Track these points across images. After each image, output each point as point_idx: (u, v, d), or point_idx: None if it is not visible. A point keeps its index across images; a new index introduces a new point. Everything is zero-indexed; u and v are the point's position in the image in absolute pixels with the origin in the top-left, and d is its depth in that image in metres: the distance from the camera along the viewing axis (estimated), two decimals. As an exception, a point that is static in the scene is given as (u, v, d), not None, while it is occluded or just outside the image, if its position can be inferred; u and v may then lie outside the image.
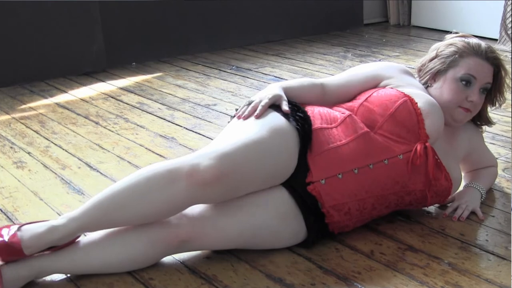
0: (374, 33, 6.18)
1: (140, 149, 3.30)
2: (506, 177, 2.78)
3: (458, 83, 2.41)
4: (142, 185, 2.01)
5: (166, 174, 2.00)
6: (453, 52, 2.44)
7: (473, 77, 2.41)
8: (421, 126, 2.31)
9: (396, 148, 2.29)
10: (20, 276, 2.01)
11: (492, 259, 2.15)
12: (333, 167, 2.19)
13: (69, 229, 2.01)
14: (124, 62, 5.16)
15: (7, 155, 3.27)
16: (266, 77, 4.64)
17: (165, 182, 2.00)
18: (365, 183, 2.23)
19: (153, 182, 2.01)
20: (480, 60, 2.43)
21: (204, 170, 1.99)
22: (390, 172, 2.27)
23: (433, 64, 2.48)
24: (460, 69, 2.41)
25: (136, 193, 2.02)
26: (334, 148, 2.22)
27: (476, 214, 2.43)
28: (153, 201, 2.01)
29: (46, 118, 3.87)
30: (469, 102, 2.42)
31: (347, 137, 2.25)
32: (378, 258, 2.17)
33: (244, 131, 2.16)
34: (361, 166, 2.22)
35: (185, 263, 2.15)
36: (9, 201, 2.73)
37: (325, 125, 2.27)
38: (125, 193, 2.02)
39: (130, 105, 4.09)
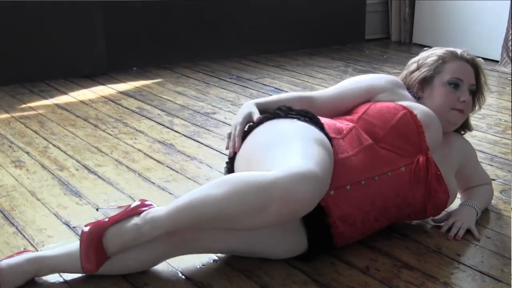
0: (375, 49, 6.19)
1: (139, 154, 3.30)
2: (503, 199, 2.78)
3: (447, 87, 2.47)
4: (232, 209, 1.91)
5: (260, 199, 1.88)
6: (436, 60, 2.51)
7: (460, 80, 2.47)
8: (422, 138, 2.34)
9: (398, 160, 2.30)
10: (20, 272, 2.01)
11: (487, 280, 2.15)
12: (342, 178, 2.18)
13: (155, 235, 2.02)
14: (125, 66, 5.17)
15: (6, 154, 3.26)
16: (265, 88, 4.65)
17: (260, 208, 1.88)
18: (370, 195, 2.23)
19: (244, 206, 1.90)
20: (463, 62, 2.51)
21: (300, 200, 1.88)
22: (393, 184, 2.28)
23: (418, 73, 2.52)
24: (446, 74, 2.48)
25: (226, 220, 1.96)
26: (343, 159, 2.21)
27: (471, 233, 2.44)
28: (242, 226, 1.99)
29: (46, 118, 3.87)
30: (461, 102, 2.47)
31: (353, 148, 2.26)
32: (373, 274, 2.16)
33: (299, 150, 2.02)
34: (367, 177, 2.23)
35: (180, 271, 2.15)
36: (6, 200, 2.73)
37: (333, 135, 2.26)
38: (215, 215, 1.95)
39: (129, 109, 4.10)
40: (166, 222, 1.99)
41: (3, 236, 2.42)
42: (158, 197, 2.78)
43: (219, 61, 5.51)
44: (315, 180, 1.89)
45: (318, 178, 1.90)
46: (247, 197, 1.88)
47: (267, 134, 2.20)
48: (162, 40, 5.33)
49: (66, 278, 2.10)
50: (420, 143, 2.34)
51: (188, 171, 3.08)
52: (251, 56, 5.70)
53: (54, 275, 2.09)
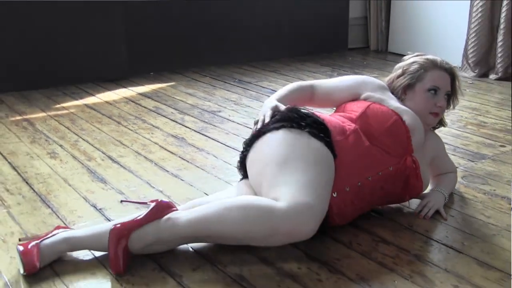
0: (357, 56, 6.17)
1: (155, 146, 3.29)
2: (464, 184, 2.77)
3: (427, 93, 2.46)
4: (241, 233, 1.93)
5: (267, 230, 1.90)
6: (418, 68, 2.49)
7: (437, 88, 2.46)
8: (409, 141, 2.33)
9: (387, 160, 2.29)
10: (56, 250, 2.01)
11: (450, 252, 2.15)
12: (344, 181, 2.16)
13: (172, 240, 2.03)
14: (144, 71, 5.16)
15: (43, 147, 3.26)
16: (264, 90, 4.63)
17: (265, 235, 1.91)
18: (362, 193, 2.23)
19: (252, 234, 1.93)
20: (441, 72, 2.50)
21: (303, 233, 1.91)
22: (381, 182, 2.28)
23: (403, 79, 2.50)
24: (427, 82, 2.47)
25: (235, 238, 1.98)
26: (346, 162, 2.17)
27: (440, 214, 2.43)
28: (248, 243, 2.00)
29: (76, 116, 3.87)
30: (438, 107, 2.47)
31: (355, 150, 2.22)
32: (355, 248, 2.16)
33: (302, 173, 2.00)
34: (363, 178, 2.22)
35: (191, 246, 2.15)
36: (43, 186, 2.72)
37: (339, 137, 2.21)
38: (226, 234, 1.97)
39: (147, 108, 4.09)
40: (183, 231, 1.99)
41: (41, 216, 2.42)
42: (172, 183, 2.77)
43: (224, 67, 5.49)
44: (317, 215, 1.93)
45: (319, 213, 1.94)
46: (256, 226, 1.90)
47: (281, 150, 2.08)
48: (175, 49, 5.32)
49: (96, 254, 2.10)
50: (407, 145, 2.33)
51: (197, 160, 3.07)
52: (251, 63, 5.68)
53: (85, 251, 2.10)
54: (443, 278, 1.97)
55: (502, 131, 3.60)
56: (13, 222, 2.36)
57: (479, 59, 5.16)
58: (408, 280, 1.96)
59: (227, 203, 1.96)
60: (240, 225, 1.92)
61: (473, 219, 2.42)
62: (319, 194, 1.96)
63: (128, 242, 1.96)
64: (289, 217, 1.88)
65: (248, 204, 1.93)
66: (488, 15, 5.06)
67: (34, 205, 2.53)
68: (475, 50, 5.16)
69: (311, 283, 1.91)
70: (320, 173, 2.03)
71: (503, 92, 4.62)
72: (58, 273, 1.98)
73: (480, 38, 5.13)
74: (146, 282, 1.94)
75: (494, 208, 2.52)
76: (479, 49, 5.15)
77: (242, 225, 1.92)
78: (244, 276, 1.96)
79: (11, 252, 2.10)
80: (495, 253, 2.14)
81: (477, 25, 5.11)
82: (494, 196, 2.64)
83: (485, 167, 3.00)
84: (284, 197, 1.91)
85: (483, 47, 5.15)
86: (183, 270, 2.01)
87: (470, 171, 2.94)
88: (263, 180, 2.07)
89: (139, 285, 1.92)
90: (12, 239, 2.20)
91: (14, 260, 2.04)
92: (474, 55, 5.16)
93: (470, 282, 1.94)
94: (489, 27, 5.11)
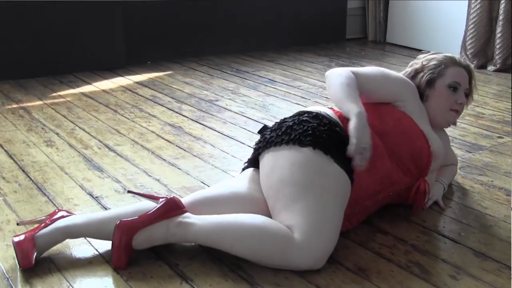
0: (355, 47, 6.16)
1: (152, 135, 3.29)
2: (461, 175, 2.78)
3: (448, 90, 2.42)
4: (253, 259, 1.94)
5: (280, 261, 1.90)
6: (438, 64, 2.44)
7: (458, 84, 2.43)
8: (428, 166, 2.31)
9: (401, 180, 2.26)
10: (52, 240, 1.99)
11: (447, 242, 2.15)
12: (354, 204, 2.13)
13: (181, 241, 2.01)
14: (141, 60, 5.14)
15: (39, 135, 3.25)
16: (261, 79, 4.63)
17: (277, 264, 1.92)
18: (369, 211, 2.24)
19: (263, 262, 1.93)
20: (460, 68, 2.46)
21: (313, 266, 1.91)
22: (390, 200, 2.30)
23: (423, 74, 2.44)
24: (447, 78, 2.42)
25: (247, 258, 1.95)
26: (360, 187, 2.12)
27: (438, 204, 2.44)
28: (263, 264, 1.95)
29: (73, 105, 3.86)
30: (458, 104, 2.45)
31: (373, 175, 2.16)
32: (353, 238, 2.16)
33: (325, 209, 1.96)
34: (374, 200, 2.21)
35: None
36: (39, 174, 2.72)
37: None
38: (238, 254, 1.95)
39: (144, 97, 4.08)
40: (193, 239, 1.98)
41: (37, 204, 2.42)
42: (169, 171, 2.77)
43: (221, 56, 5.48)
44: (330, 250, 1.95)
45: (331, 247, 1.95)
46: (269, 257, 1.91)
47: (304, 174, 2.01)
48: (172, 38, 5.30)
49: (92, 242, 2.10)
50: (425, 170, 2.31)
51: (194, 149, 3.07)
52: (249, 52, 5.67)
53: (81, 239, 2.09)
54: (440, 268, 1.97)
55: (500, 123, 3.60)
56: (9, 210, 2.36)
57: (477, 50, 5.16)
58: (405, 270, 1.96)
59: (244, 225, 1.93)
60: (253, 252, 1.92)
61: (470, 210, 2.42)
62: (334, 229, 1.96)
63: (134, 241, 1.93)
64: (303, 252, 1.88)
65: (263, 231, 1.91)
66: (487, 7, 5.06)
67: (31, 193, 2.52)
68: (474, 41, 5.15)
69: (308, 273, 1.91)
70: (338, 207, 2.00)
71: (501, 83, 4.62)
72: (54, 263, 1.98)
73: (478, 30, 5.12)
74: (143, 271, 1.94)
75: (492, 199, 2.52)
76: (478, 41, 5.15)
77: (255, 254, 1.92)
78: (241, 266, 1.95)
79: (7, 240, 2.10)
80: (492, 243, 2.15)
81: (475, 16, 5.10)
82: (492, 187, 2.64)
83: (483, 158, 3.00)
84: (300, 229, 1.90)
85: (482, 39, 5.14)
86: (180, 259, 2.01)
87: (468, 162, 2.94)
88: (279, 197, 2.01)
89: (136, 274, 1.92)
90: (8, 227, 2.20)
91: (10, 248, 2.04)
92: (473, 46, 5.16)
93: (467, 272, 1.95)
94: (488, 18, 5.10)
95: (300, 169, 2.01)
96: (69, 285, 1.86)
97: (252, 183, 2.17)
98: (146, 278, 1.90)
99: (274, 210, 2.02)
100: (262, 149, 2.17)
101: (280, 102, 4.00)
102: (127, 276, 1.90)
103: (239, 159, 2.92)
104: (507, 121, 3.64)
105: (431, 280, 1.90)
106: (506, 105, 3.99)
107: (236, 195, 2.11)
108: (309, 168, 2.01)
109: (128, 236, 1.92)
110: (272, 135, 2.15)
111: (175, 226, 1.95)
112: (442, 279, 1.91)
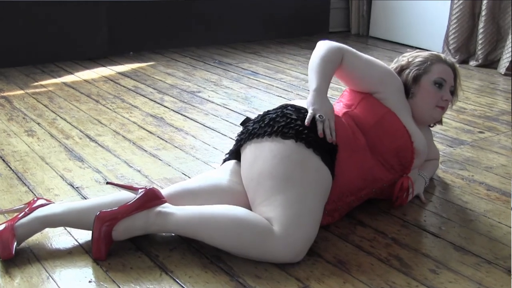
0: (338, 40, 6.09)
1: (133, 126, 3.27)
2: (442, 169, 2.79)
3: (433, 87, 2.40)
4: (232, 251, 1.94)
5: (259, 253, 1.90)
6: (423, 61, 2.44)
7: (444, 80, 2.42)
8: (411, 163, 2.30)
9: (384, 176, 2.26)
10: (32, 230, 1.98)
11: (428, 236, 2.16)
12: (337, 201, 2.14)
13: (161, 231, 2.01)
14: (123, 51, 5.12)
15: (20, 124, 3.23)
16: (244, 72, 4.62)
17: (256, 256, 1.92)
18: (352, 207, 2.24)
19: (244, 252, 1.93)
20: (446, 65, 2.46)
21: (292, 258, 1.91)
22: (373, 195, 2.30)
23: (409, 70, 2.43)
24: (433, 74, 2.41)
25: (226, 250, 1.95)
26: (343, 183, 2.12)
27: (419, 198, 2.45)
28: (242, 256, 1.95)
29: (54, 94, 3.83)
30: (444, 101, 2.43)
31: (356, 170, 2.16)
32: (333, 230, 2.16)
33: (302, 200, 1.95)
34: (357, 196, 2.21)
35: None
36: (20, 164, 2.70)
37: (344, 154, 2.12)
38: (216, 245, 1.95)
39: (126, 87, 4.06)
40: (173, 229, 1.98)
41: (17, 194, 2.40)
42: (150, 162, 2.76)
43: (204, 48, 5.47)
44: (309, 243, 1.95)
45: (311, 240, 1.95)
46: (249, 248, 1.91)
47: (285, 167, 2.00)
48: (155, 29, 5.28)
49: (71, 232, 2.09)
50: (408, 167, 2.31)
51: (176, 140, 3.06)
52: (231, 44, 5.66)
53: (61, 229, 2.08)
54: (420, 261, 1.98)
55: (481, 118, 3.62)
56: (-11, 199, 2.34)
57: (459, 45, 5.18)
58: (385, 263, 1.96)
59: (223, 216, 1.92)
60: (232, 243, 1.92)
61: (451, 204, 2.43)
62: (313, 221, 1.95)
63: (113, 231, 1.93)
64: (282, 245, 1.88)
65: (243, 223, 1.90)
66: (469, 2, 5.07)
67: (11, 182, 2.51)
68: (456, 36, 5.17)
69: (288, 265, 1.91)
70: (318, 200, 2.00)
71: (483, 78, 4.64)
72: (34, 253, 1.97)
73: (461, 25, 5.14)
74: (123, 262, 1.93)
75: (472, 193, 2.53)
76: (460, 36, 5.16)
77: (234, 245, 1.92)
78: (221, 257, 1.95)
79: (-14, 229, 2.08)
80: (471, 238, 2.15)
81: (458, 11, 5.12)
82: (472, 182, 2.65)
83: (464, 153, 3.01)
84: (280, 221, 1.90)
85: (464, 34, 5.16)
86: (160, 250, 2.00)
87: (449, 156, 2.95)
88: (259, 189, 2.01)
89: (115, 265, 1.91)
90: (-13, 216, 2.19)
91: (-11, 237, 2.02)
92: (455, 41, 5.18)
93: (447, 266, 1.95)
94: (470, 13, 5.12)
95: (282, 161, 2.01)
96: (49, 275, 1.85)
97: (233, 175, 2.17)
98: (126, 269, 1.89)
99: (254, 202, 2.02)
100: (244, 140, 2.16)
101: (262, 95, 3.99)
102: (107, 267, 1.89)
103: (221, 150, 2.91)
104: (488, 116, 3.65)
105: (411, 273, 1.91)
106: (487, 100, 4.01)
107: (216, 188, 2.10)
108: (290, 160, 2.01)
109: (108, 227, 1.92)
110: (255, 127, 2.15)
111: (154, 216, 1.94)
112: (422, 273, 1.91)
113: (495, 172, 2.77)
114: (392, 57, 2.55)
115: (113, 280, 1.83)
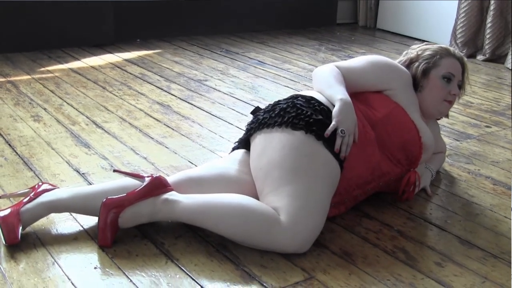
0: (345, 31, 6.15)
1: (140, 113, 3.27)
2: (449, 162, 2.78)
3: (441, 81, 2.39)
4: (238, 239, 1.93)
5: (265, 243, 1.90)
6: (433, 54, 2.42)
7: (452, 75, 2.41)
8: (418, 157, 2.29)
9: (391, 171, 2.25)
10: (37, 214, 1.97)
11: (433, 229, 2.16)
12: (344, 194, 2.13)
13: (167, 218, 2.00)
14: (130, 38, 5.11)
15: (26, 110, 3.23)
16: (251, 61, 4.61)
17: (262, 246, 1.91)
18: (358, 200, 2.22)
19: (250, 242, 1.92)
20: (454, 59, 2.44)
21: (298, 249, 1.91)
22: (379, 189, 2.28)
23: (418, 64, 2.41)
24: (442, 68, 2.40)
25: (233, 239, 1.94)
26: (350, 178, 2.11)
27: (425, 191, 2.44)
28: (248, 245, 1.94)
29: (61, 80, 3.83)
30: (452, 95, 2.42)
31: (364, 164, 2.14)
32: (339, 222, 2.16)
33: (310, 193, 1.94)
34: (364, 190, 2.19)
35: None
36: (26, 149, 2.70)
37: (354, 148, 2.09)
38: (221, 233, 1.94)
39: (133, 75, 4.05)
40: (179, 217, 1.96)
41: (23, 179, 2.40)
42: (156, 150, 2.76)
43: (211, 37, 5.46)
44: (315, 234, 1.94)
45: (317, 231, 1.95)
46: (255, 237, 1.91)
47: (294, 158, 1.99)
48: (163, 16, 5.27)
49: (78, 218, 2.09)
50: (415, 161, 2.30)
51: (182, 128, 3.05)
52: (239, 33, 5.65)
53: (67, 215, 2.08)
54: (425, 254, 1.98)
55: (488, 112, 3.61)
56: (-5, 184, 2.34)
57: (467, 40, 5.16)
58: (390, 255, 1.96)
59: (230, 204, 1.92)
60: (237, 232, 1.91)
61: (457, 198, 2.42)
62: (320, 213, 1.95)
63: (120, 219, 1.93)
64: (288, 235, 1.88)
65: (250, 212, 1.90)
66: (478, -4, 5.06)
67: (17, 167, 2.50)
68: (464, 30, 5.15)
69: (294, 256, 1.91)
70: (325, 192, 1.99)
71: (490, 73, 4.63)
72: (39, 238, 1.96)
73: (469, 19, 5.12)
74: (128, 249, 1.92)
75: (478, 187, 2.52)
76: (468, 30, 5.14)
77: (240, 234, 1.91)
78: (227, 246, 1.95)
79: (-8, 213, 2.08)
80: (477, 232, 2.15)
81: (466, 5, 5.10)
82: (478, 176, 2.64)
83: (470, 146, 3.00)
84: (287, 211, 1.89)
85: (472, 28, 5.14)
86: (166, 237, 2.00)
87: (456, 150, 2.95)
88: (268, 179, 2.00)
89: (121, 252, 1.90)
90: (-7, 201, 2.19)
91: (-6, 221, 2.02)
92: (463, 35, 5.16)
93: (452, 260, 1.95)
94: (478, 8, 5.09)
95: (291, 152, 2.00)
96: (54, 261, 1.85)
97: (241, 164, 2.16)
98: (131, 257, 1.89)
99: (262, 192, 2.01)
100: (254, 130, 2.15)
101: (269, 84, 3.98)
102: (112, 254, 1.89)
103: (227, 139, 2.90)
104: (495, 110, 3.64)
105: (416, 266, 1.90)
106: (494, 95, 3.99)
107: (223, 177, 2.10)
108: (299, 151, 2.00)
109: (115, 214, 1.91)
110: (265, 117, 2.13)
111: (161, 204, 1.94)
112: (428, 266, 1.91)
113: (501, 166, 2.76)
114: (399, 50, 2.55)
115: (118, 267, 1.83)
